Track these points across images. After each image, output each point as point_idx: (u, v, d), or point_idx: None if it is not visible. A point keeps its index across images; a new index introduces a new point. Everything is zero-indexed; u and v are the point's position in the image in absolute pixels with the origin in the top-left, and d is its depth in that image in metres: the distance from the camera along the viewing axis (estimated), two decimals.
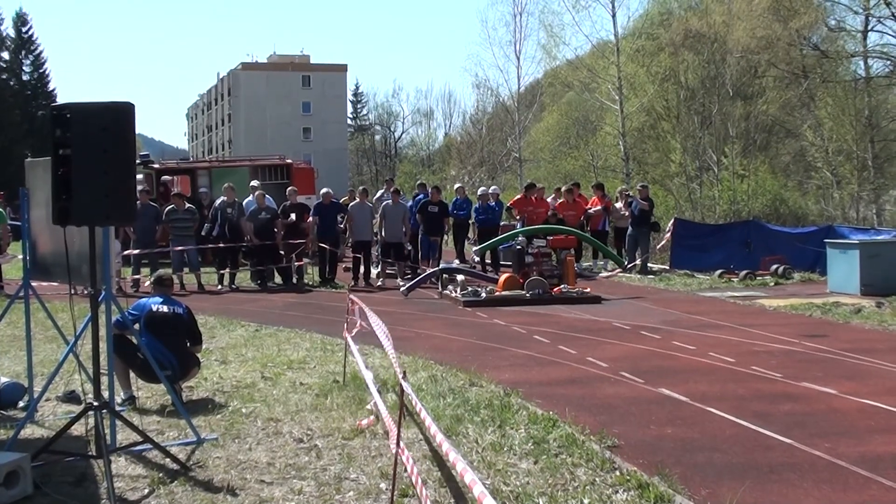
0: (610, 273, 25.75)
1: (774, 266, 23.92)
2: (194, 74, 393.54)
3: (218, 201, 24.51)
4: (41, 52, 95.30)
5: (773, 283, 22.99)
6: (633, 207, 26.13)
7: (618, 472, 7.53)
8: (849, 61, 47.56)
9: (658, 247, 26.86)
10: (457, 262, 26.54)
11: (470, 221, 27.79)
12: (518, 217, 27.03)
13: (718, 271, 24.30)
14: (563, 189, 28.09)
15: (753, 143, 47.52)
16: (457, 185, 34.15)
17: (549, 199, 27.67)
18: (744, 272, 23.71)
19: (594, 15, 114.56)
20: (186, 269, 23.49)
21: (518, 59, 57.57)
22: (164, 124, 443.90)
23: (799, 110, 47.81)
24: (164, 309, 10.51)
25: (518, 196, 29.01)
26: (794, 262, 24.35)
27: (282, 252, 24.06)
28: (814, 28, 47.18)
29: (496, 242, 24.25)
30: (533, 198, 26.80)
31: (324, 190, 25.64)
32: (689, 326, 16.09)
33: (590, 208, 27.44)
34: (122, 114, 7.62)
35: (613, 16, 45.23)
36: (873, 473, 7.63)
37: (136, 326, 10.04)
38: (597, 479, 7.40)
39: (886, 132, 44.97)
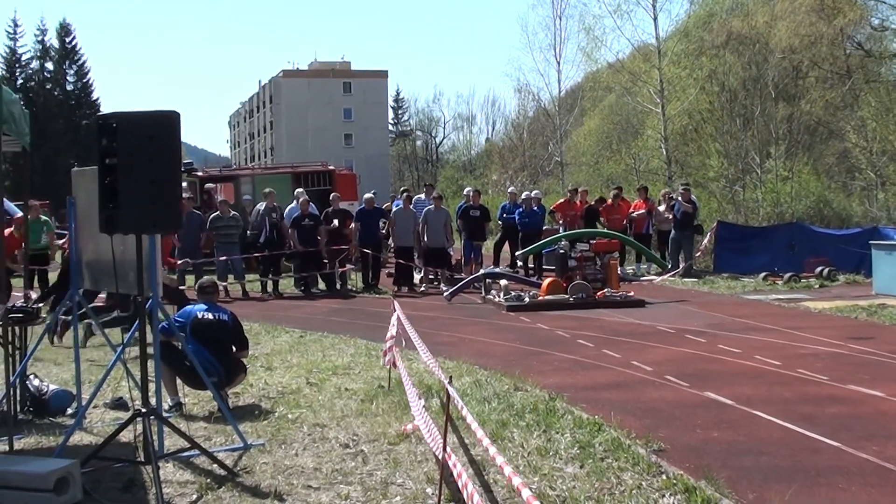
0: (656, 277, 25.67)
1: (819, 268, 23.77)
2: (236, 82, 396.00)
3: (260, 207, 24.61)
4: (84, 62, 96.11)
5: (817, 286, 22.84)
6: (676, 210, 26.03)
7: (664, 476, 7.52)
8: (892, 61, 47.15)
9: (700, 249, 26.72)
10: (501, 266, 26.52)
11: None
12: (561, 221, 27.00)
13: (762, 274, 24.16)
14: (612, 194, 28.13)
15: (796, 144, 47.17)
16: (510, 189, 34.17)
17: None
18: (788, 275, 23.57)
19: (635, 18, 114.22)
20: (231, 277, 23.61)
21: (558, 62, 57.54)
22: (206, 132, 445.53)
23: (842, 111, 47.38)
24: (210, 316, 10.58)
25: (561, 200, 28.99)
26: (839, 264, 24.16)
27: (325, 259, 24.13)
28: (858, 27, 46.75)
29: (539, 247, 24.22)
30: (578, 202, 26.87)
31: (367, 195, 25.72)
32: (733, 329, 16.03)
33: (633, 212, 27.38)
34: (167, 122, 7.69)
35: (655, 19, 45.03)
36: None
37: (182, 334, 10.11)
38: (643, 483, 7.40)
39: None
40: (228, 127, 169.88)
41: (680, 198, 26.23)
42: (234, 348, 10.75)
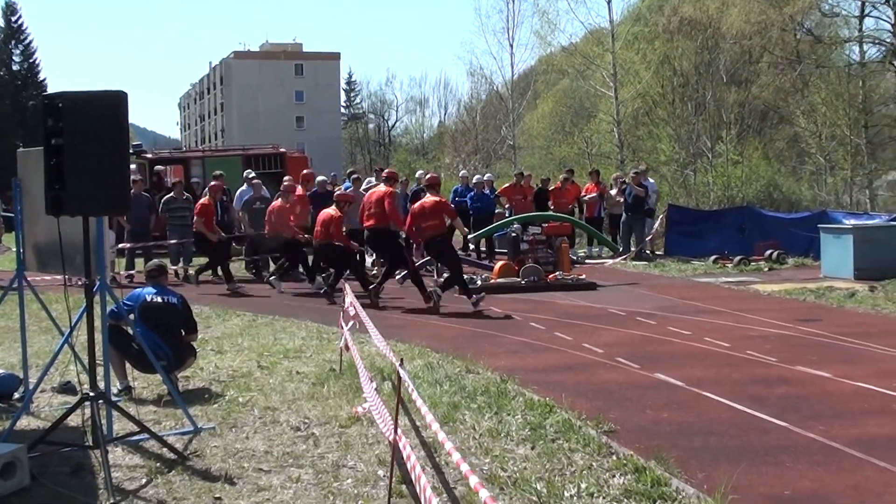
0: (608, 260, 25.77)
1: (768, 251, 23.95)
2: (186, 63, 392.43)
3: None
4: (31, 42, 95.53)
5: (767, 269, 23.01)
6: (627, 194, 26.15)
7: (614, 457, 7.56)
8: (842, 47, 47.59)
9: (651, 233, 26.85)
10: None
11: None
12: (507, 205, 27.08)
13: (713, 257, 24.32)
14: (561, 178, 28.18)
15: (747, 128, 47.47)
16: (462, 173, 34.14)
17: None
18: (738, 258, 23.74)
19: (590, 2, 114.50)
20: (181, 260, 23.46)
21: (511, 46, 57.66)
22: (156, 114, 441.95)
23: (793, 96, 47.75)
24: (159, 299, 10.51)
25: (507, 184, 29.05)
26: (788, 248, 24.36)
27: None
28: (808, 13, 47.17)
29: (491, 230, 24.24)
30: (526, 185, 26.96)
31: (319, 178, 25.58)
32: (684, 312, 16.13)
33: (585, 195, 27.48)
34: (114, 102, 7.60)
35: (609, 2, 45.19)
36: (867, 455, 7.67)
37: (131, 317, 10.03)
38: (594, 463, 7.44)
39: (880, 117, 44.97)
40: (178, 109, 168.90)
41: (632, 182, 26.36)
42: (183, 332, 10.69)
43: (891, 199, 45.44)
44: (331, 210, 19.52)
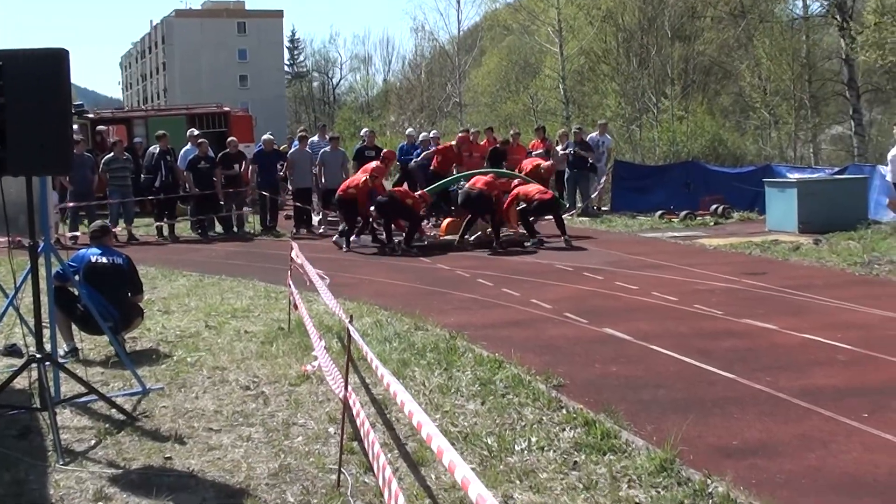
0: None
1: (714, 206, 24.08)
2: (127, 22, 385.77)
3: (153, 150, 24.16)
4: None
5: (712, 223, 23.15)
6: (569, 150, 26.13)
7: (564, 411, 7.60)
8: (786, 1, 47.84)
9: (597, 189, 26.85)
10: None
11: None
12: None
13: (659, 212, 24.41)
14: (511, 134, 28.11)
15: (692, 84, 47.69)
16: (408, 131, 33.98)
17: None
18: (684, 213, 23.85)
19: None
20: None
21: (458, 2, 57.46)
22: (97, 74, 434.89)
23: (737, 51, 47.97)
24: (104, 260, 10.40)
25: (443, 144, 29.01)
26: (733, 202, 24.50)
27: (222, 201, 23.86)
28: None
29: (439, 187, 24.12)
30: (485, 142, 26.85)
31: (265, 136, 25.40)
32: (630, 267, 16.20)
33: (531, 151, 27.46)
34: (55, 60, 7.46)
35: None
36: (813, 405, 7.77)
37: (76, 278, 9.93)
38: (543, 417, 7.47)
39: (823, 72, 45.25)
40: (120, 68, 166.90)
41: (573, 138, 26.37)
42: (129, 293, 10.60)
43: (834, 152, 45.95)
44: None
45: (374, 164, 20.99)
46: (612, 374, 9.05)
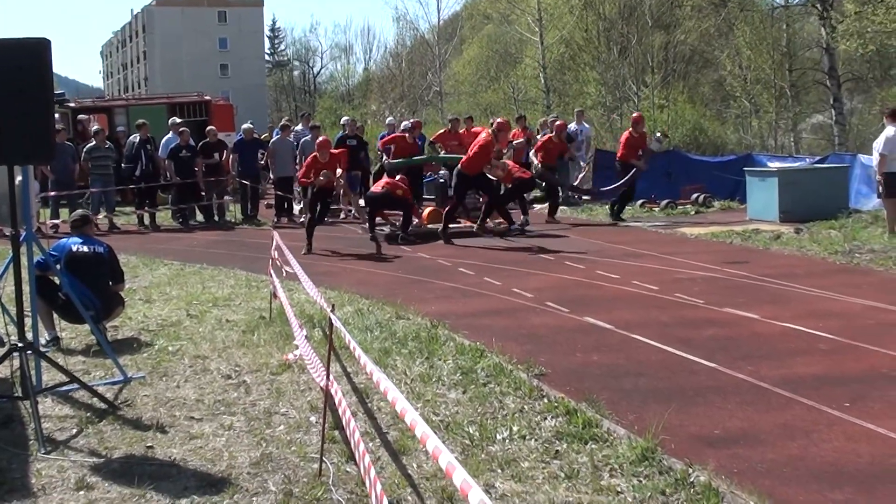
0: (536, 205, 25.75)
1: (695, 195, 24.10)
2: (108, 11, 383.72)
3: (134, 139, 24.09)
4: None
5: (693, 212, 23.18)
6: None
7: (546, 400, 7.60)
8: None
9: (579, 178, 26.78)
10: None
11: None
12: (443, 152, 26.92)
13: (640, 201, 24.40)
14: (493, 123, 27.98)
15: (673, 73, 47.77)
16: (388, 120, 33.89)
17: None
18: (665, 201, 23.87)
19: None
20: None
21: None
22: (78, 63, 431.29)
23: (717, 40, 48.10)
24: (85, 249, 10.36)
25: (441, 130, 28.87)
26: (714, 191, 24.53)
27: (203, 190, 23.82)
28: None
29: (407, 163, 23.62)
30: (464, 131, 26.62)
31: (245, 125, 25.38)
32: (612, 256, 16.21)
33: (512, 140, 27.41)
34: (37, 50, 7.42)
35: None
36: (794, 394, 7.79)
37: (58, 267, 9.88)
38: (525, 406, 7.47)
39: (803, 60, 45.43)
40: (101, 57, 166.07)
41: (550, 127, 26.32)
42: (110, 281, 10.57)
43: (815, 141, 46.07)
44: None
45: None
46: (594, 363, 9.06)
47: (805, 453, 6.52)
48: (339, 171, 17.93)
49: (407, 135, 23.81)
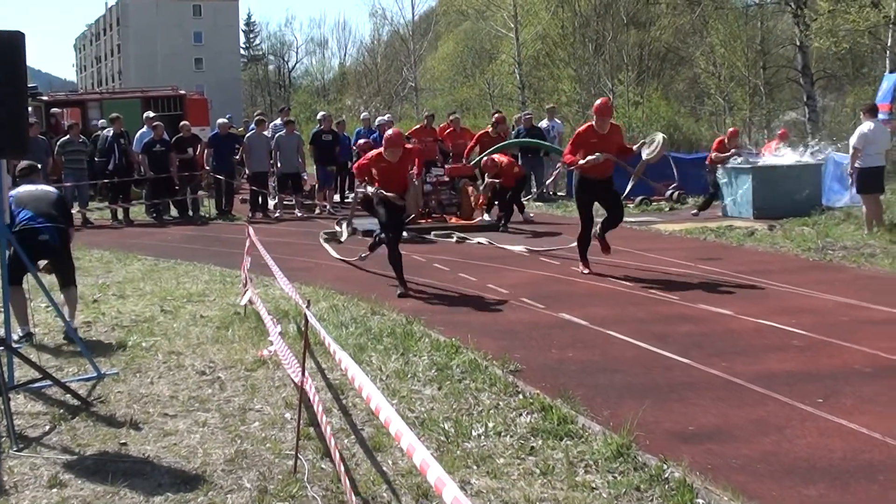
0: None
1: (669, 191, 24.17)
2: (82, 4, 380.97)
3: (107, 133, 23.98)
4: None
5: (668, 209, 23.27)
6: (521, 136, 26.05)
7: (521, 396, 7.61)
8: None
9: (552, 174, 26.81)
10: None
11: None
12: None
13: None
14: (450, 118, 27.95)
15: (647, 70, 47.89)
16: (363, 115, 33.85)
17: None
18: (639, 198, 23.90)
19: None
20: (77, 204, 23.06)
21: None
22: (51, 56, 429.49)
23: (691, 37, 48.26)
24: (32, 187, 10.27)
25: (416, 126, 28.84)
26: (689, 188, 24.60)
27: (177, 185, 23.75)
28: None
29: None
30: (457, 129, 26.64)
31: (221, 120, 25.27)
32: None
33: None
34: (11, 43, 7.38)
35: None
36: (768, 390, 7.82)
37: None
38: (500, 402, 7.48)
39: (777, 58, 45.63)
40: (74, 50, 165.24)
41: (523, 125, 26.34)
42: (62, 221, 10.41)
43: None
44: None
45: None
46: (569, 360, 9.07)
47: (779, 449, 6.54)
48: (413, 170, 15.05)
49: (490, 129, 24.67)
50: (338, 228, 17.73)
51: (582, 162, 13.89)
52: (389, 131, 14.19)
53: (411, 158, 14.27)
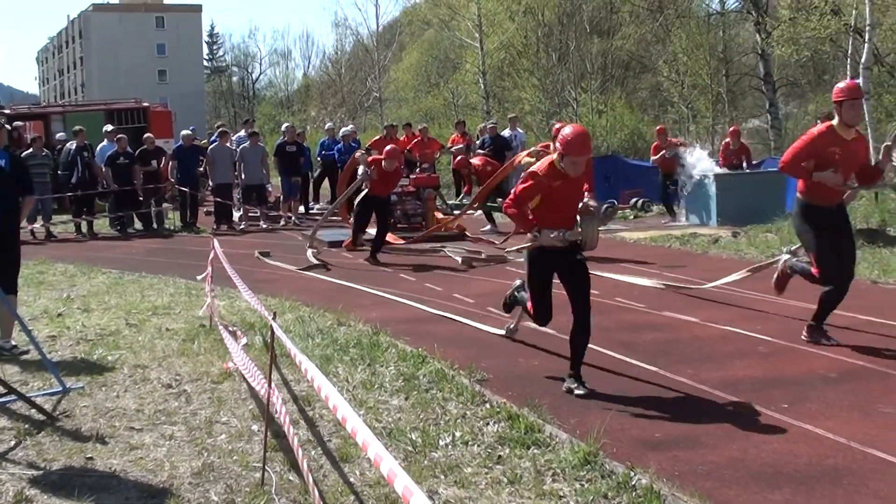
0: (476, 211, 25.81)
1: (633, 199, 24.27)
2: (43, 17, 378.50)
3: (70, 146, 23.85)
4: None
5: (632, 217, 23.38)
6: (486, 144, 26.08)
7: (488, 405, 7.62)
8: None
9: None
10: (321, 203, 26.66)
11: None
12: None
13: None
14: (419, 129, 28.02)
15: (611, 78, 48.07)
16: (327, 125, 33.81)
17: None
18: (604, 206, 23.92)
19: None
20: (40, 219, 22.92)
21: None
22: (12, 68, 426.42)
23: (654, 46, 48.48)
24: None
25: (377, 136, 28.85)
26: (653, 196, 24.69)
27: (141, 197, 23.66)
28: None
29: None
30: (404, 138, 26.68)
31: (185, 132, 25.21)
32: None
33: (452, 146, 27.46)
34: None
35: None
36: (734, 396, 7.88)
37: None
38: (467, 412, 7.48)
39: (739, 66, 45.91)
40: (36, 63, 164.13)
41: (488, 133, 26.36)
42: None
43: (751, 146, 46.39)
44: None
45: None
46: (535, 369, 9.09)
47: (745, 455, 6.58)
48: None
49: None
50: (310, 252, 17.59)
51: (818, 176, 9.65)
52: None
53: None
